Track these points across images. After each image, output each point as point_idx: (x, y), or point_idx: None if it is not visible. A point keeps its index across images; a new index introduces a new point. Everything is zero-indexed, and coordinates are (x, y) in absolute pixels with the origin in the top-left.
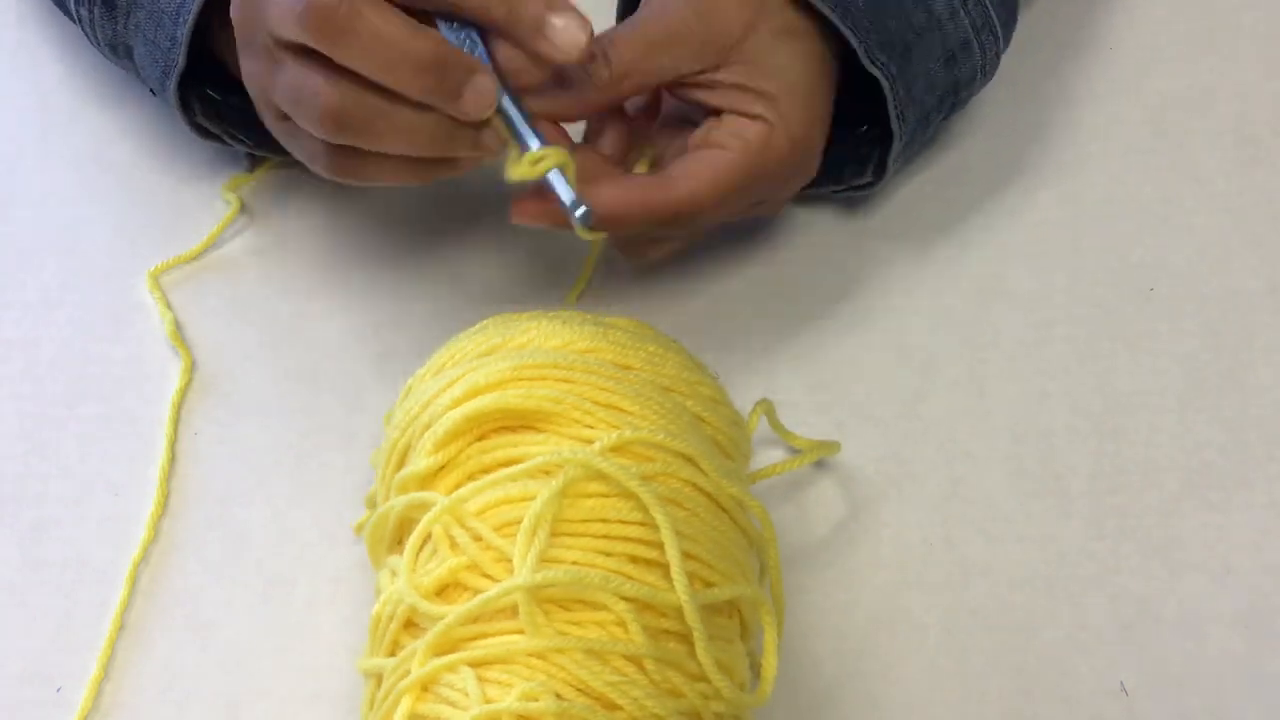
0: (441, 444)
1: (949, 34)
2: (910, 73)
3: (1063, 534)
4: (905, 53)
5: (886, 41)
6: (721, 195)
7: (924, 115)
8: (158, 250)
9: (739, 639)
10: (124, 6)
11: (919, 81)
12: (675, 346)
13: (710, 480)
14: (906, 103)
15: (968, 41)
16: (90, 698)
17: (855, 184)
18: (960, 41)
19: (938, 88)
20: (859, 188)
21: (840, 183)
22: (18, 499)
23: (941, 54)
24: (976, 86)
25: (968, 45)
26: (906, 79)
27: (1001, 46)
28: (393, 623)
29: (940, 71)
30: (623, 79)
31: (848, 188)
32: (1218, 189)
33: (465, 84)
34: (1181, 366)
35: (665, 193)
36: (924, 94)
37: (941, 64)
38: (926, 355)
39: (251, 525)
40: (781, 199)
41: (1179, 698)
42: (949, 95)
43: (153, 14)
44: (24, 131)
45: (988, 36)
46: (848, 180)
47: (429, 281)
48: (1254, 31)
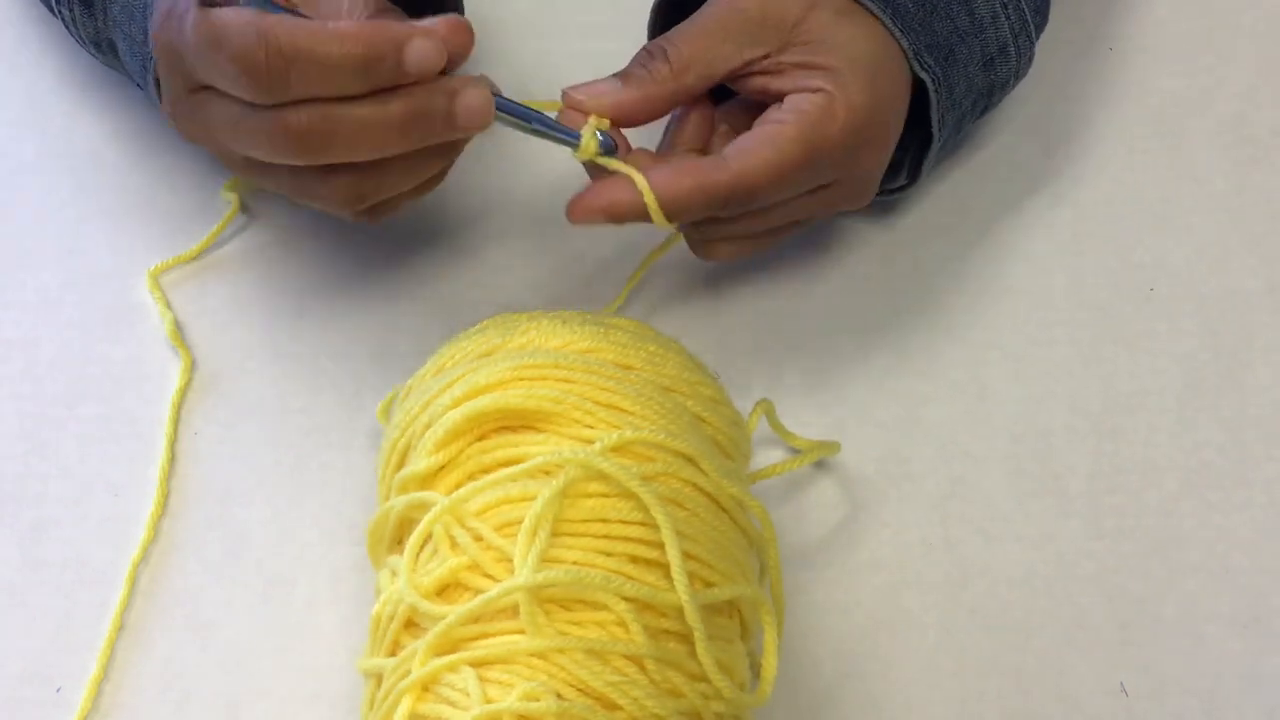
0: (442, 444)
1: (989, 38)
2: (953, 76)
3: (1062, 534)
4: (949, 56)
5: (934, 44)
6: (778, 171)
7: (960, 118)
8: (158, 250)
9: (739, 639)
10: (100, 3)
11: (960, 85)
12: (675, 346)
13: (710, 480)
14: (948, 105)
15: (1005, 46)
16: (90, 698)
17: (889, 188)
18: (999, 46)
19: (974, 91)
20: (892, 191)
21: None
22: (18, 499)
23: (981, 58)
24: (1008, 90)
25: (1005, 50)
26: (950, 82)
27: (1034, 51)
28: (393, 623)
29: (979, 75)
30: (684, 72)
31: (881, 191)
32: (1218, 189)
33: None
34: (1181, 366)
35: (719, 172)
36: (963, 97)
37: (980, 68)
38: (926, 355)
39: (251, 525)
40: (857, 183)
41: (1179, 698)
42: (983, 99)
43: (126, 7)
44: (24, 131)
45: (1024, 41)
46: (882, 185)
47: (429, 282)
48: (1254, 31)
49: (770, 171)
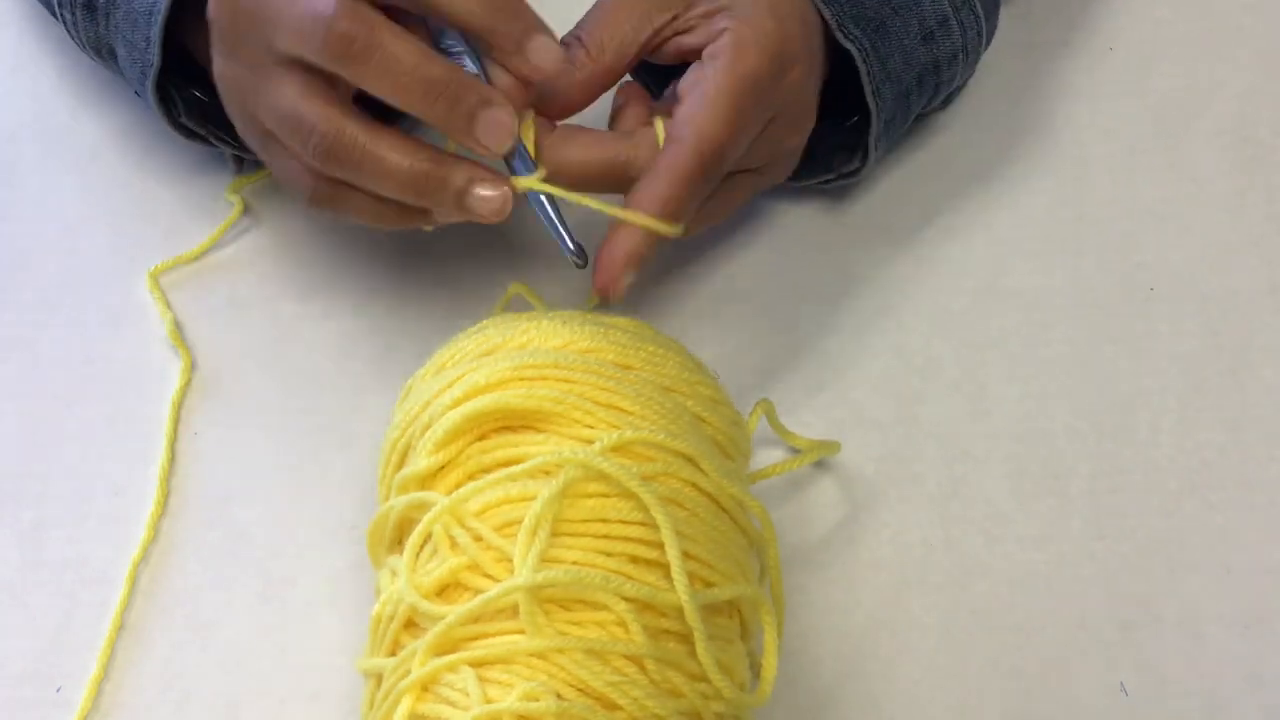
0: (442, 444)
1: (926, 11)
2: (885, 48)
3: (1063, 534)
4: (880, 27)
5: (860, 15)
6: (726, 121)
7: (903, 93)
8: (158, 250)
9: (739, 639)
10: (103, 8)
11: (895, 57)
12: (675, 346)
13: (710, 480)
14: (882, 78)
15: (945, 19)
16: (90, 698)
17: (844, 170)
18: (938, 18)
19: (915, 65)
20: (847, 175)
21: (831, 170)
22: (18, 499)
23: (919, 30)
24: (960, 67)
25: (946, 22)
26: (881, 54)
27: (984, 26)
28: (393, 623)
29: (918, 48)
30: (601, 52)
31: (838, 175)
32: (1218, 189)
33: (479, 113)
34: (1182, 366)
35: (678, 153)
36: (901, 70)
37: (919, 40)
38: (926, 355)
39: (251, 525)
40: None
41: (1179, 698)
42: (929, 74)
43: (129, 14)
44: (24, 131)
45: (967, 14)
46: (837, 169)
47: (429, 282)
48: (1254, 31)
49: (720, 125)
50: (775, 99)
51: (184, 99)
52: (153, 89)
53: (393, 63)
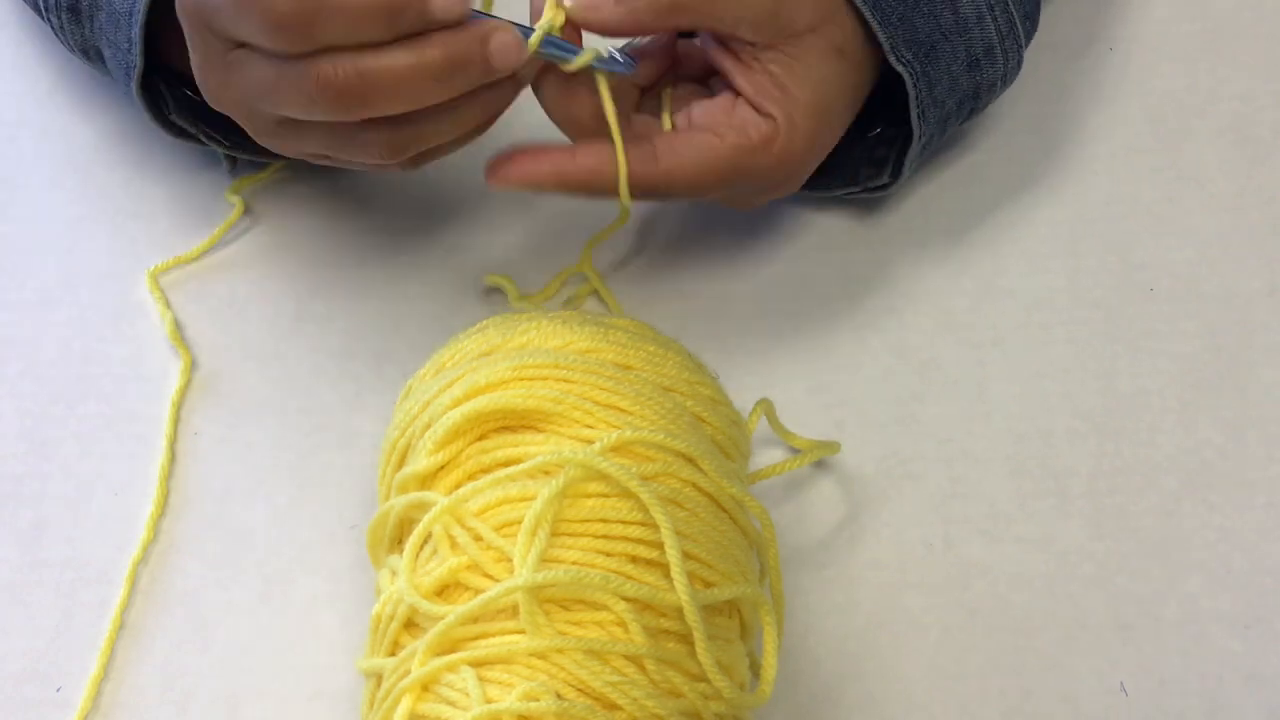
0: (441, 444)
1: (974, 38)
2: (934, 73)
3: (1063, 534)
4: (930, 52)
5: (913, 39)
6: (700, 181)
7: (944, 118)
8: (158, 250)
9: (739, 639)
10: (87, 11)
11: (942, 83)
12: (675, 346)
13: (710, 480)
14: (929, 103)
15: (992, 48)
16: (90, 698)
17: (871, 185)
18: (985, 47)
19: (959, 91)
20: (875, 189)
21: (855, 184)
22: (18, 499)
23: (966, 58)
24: (996, 93)
25: (991, 51)
26: (930, 79)
27: (1023, 56)
28: (393, 623)
29: (963, 75)
30: (678, 11)
31: (863, 189)
32: (1218, 189)
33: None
34: (1181, 366)
35: (647, 164)
36: (946, 96)
37: (965, 68)
38: (926, 355)
39: (251, 525)
40: (753, 203)
41: (1179, 698)
42: (969, 100)
43: (111, 16)
44: (24, 132)
45: (1011, 44)
46: (863, 182)
47: (429, 282)
48: (1254, 31)
49: (692, 181)
50: (748, 193)
51: (175, 96)
52: (137, 90)
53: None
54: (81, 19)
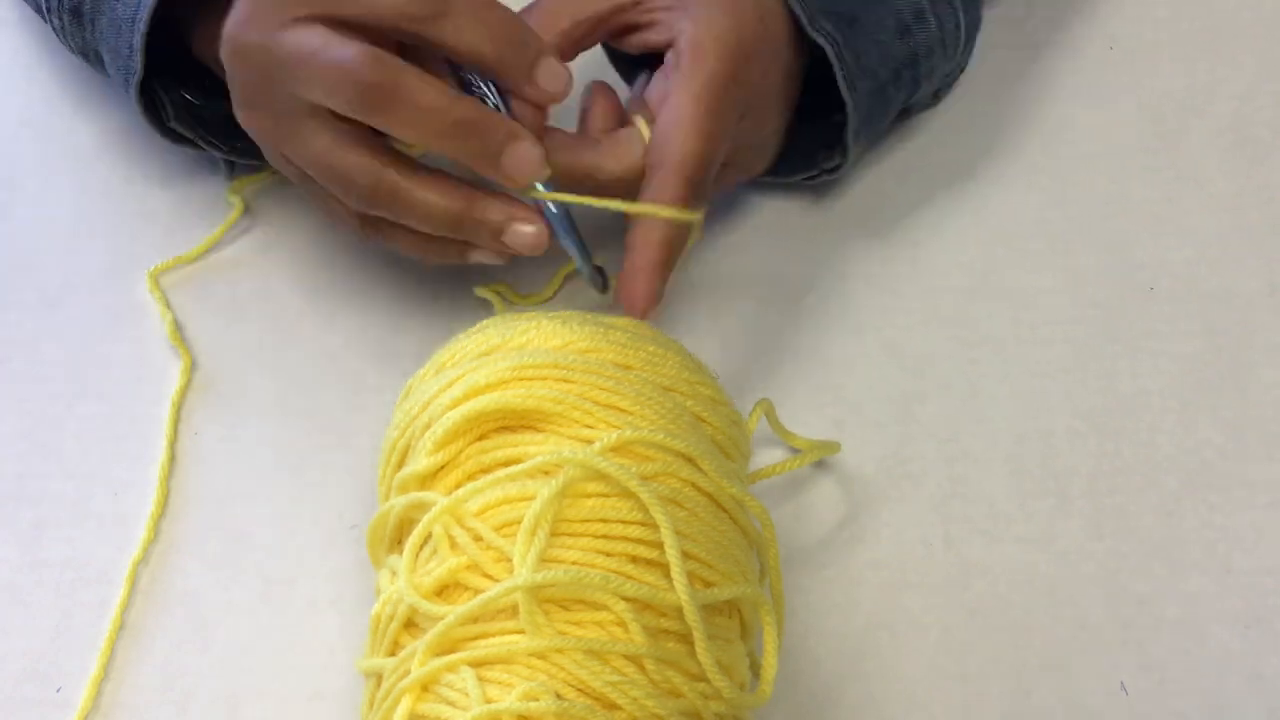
0: (441, 444)
1: (901, 4)
2: (859, 42)
3: (1063, 534)
4: (853, 21)
5: (831, 9)
6: (703, 133)
7: (879, 87)
8: (158, 250)
9: (739, 639)
10: (89, 14)
11: (870, 51)
12: (675, 346)
13: (710, 480)
14: (857, 73)
15: (921, 12)
16: (90, 698)
17: (826, 167)
18: (914, 12)
19: (892, 59)
20: (829, 171)
21: (815, 167)
22: (18, 499)
23: (894, 25)
24: (939, 60)
25: (922, 15)
26: (855, 48)
27: (962, 19)
28: (393, 623)
29: (894, 42)
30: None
31: (821, 172)
32: (1218, 189)
33: (506, 147)
34: (1181, 366)
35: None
36: (877, 65)
37: (895, 34)
38: (926, 355)
39: (251, 525)
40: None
41: (1179, 698)
42: (906, 68)
43: (112, 21)
44: (24, 131)
45: (943, 7)
46: (821, 164)
47: (429, 282)
48: (1254, 31)
49: (697, 140)
50: (741, 96)
51: (173, 102)
52: (136, 96)
53: (420, 108)
54: (83, 22)
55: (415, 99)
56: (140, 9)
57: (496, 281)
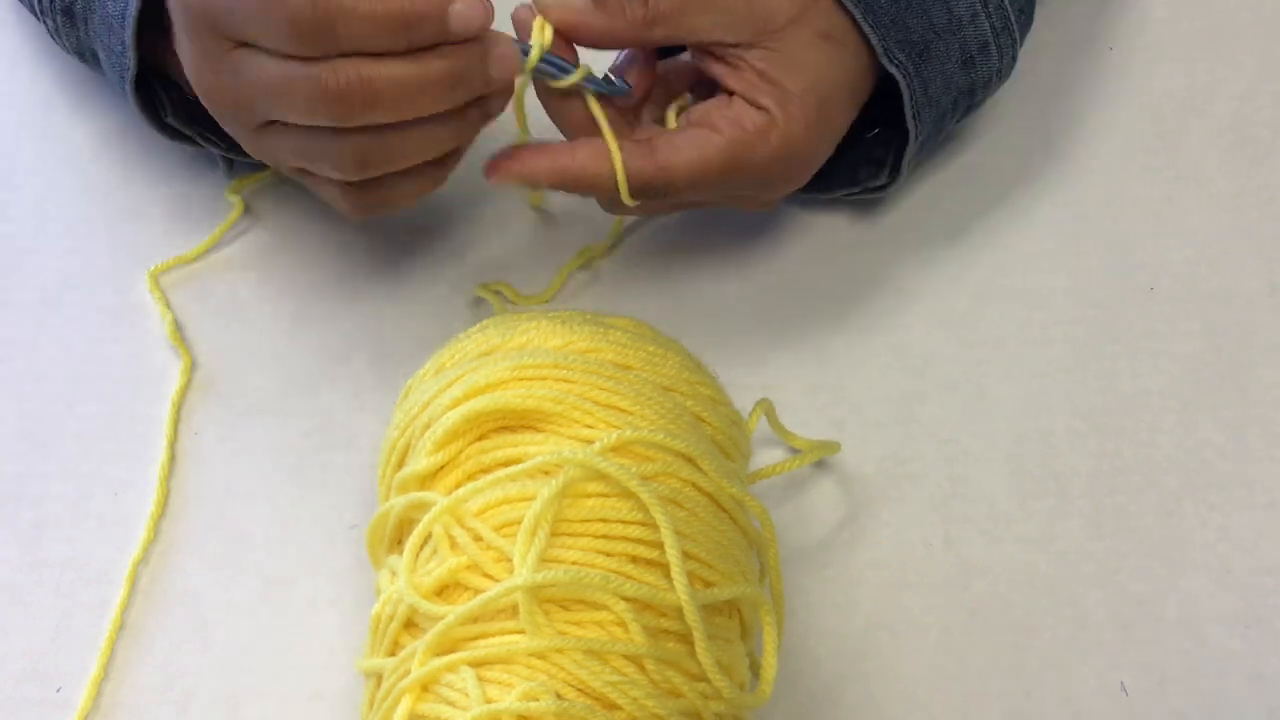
0: (441, 444)
1: (968, 36)
2: (928, 73)
3: (1063, 534)
4: (924, 52)
5: (906, 40)
6: (698, 176)
7: (939, 116)
8: (158, 250)
9: (739, 639)
10: (81, 14)
11: (936, 81)
12: (675, 346)
13: (710, 480)
14: (924, 103)
15: (986, 44)
16: (90, 698)
17: (871, 186)
18: (979, 44)
19: (954, 89)
20: (874, 189)
21: (855, 184)
22: (18, 499)
23: (960, 55)
24: (992, 89)
25: (986, 48)
26: (924, 78)
27: (1018, 51)
28: (393, 623)
29: (958, 73)
30: (654, 24)
31: (863, 189)
32: (1218, 189)
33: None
34: (1182, 366)
35: (644, 161)
36: (941, 94)
37: (959, 65)
38: (926, 355)
39: (251, 525)
40: (767, 200)
41: (1179, 698)
42: (964, 97)
43: (104, 19)
44: (24, 131)
45: (1006, 40)
46: (863, 182)
47: (429, 282)
48: (1254, 31)
49: (691, 175)
50: (754, 190)
51: (170, 99)
52: (132, 93)
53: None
54: (76, 22)
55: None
56: (129, 5)
57: (496, 281)
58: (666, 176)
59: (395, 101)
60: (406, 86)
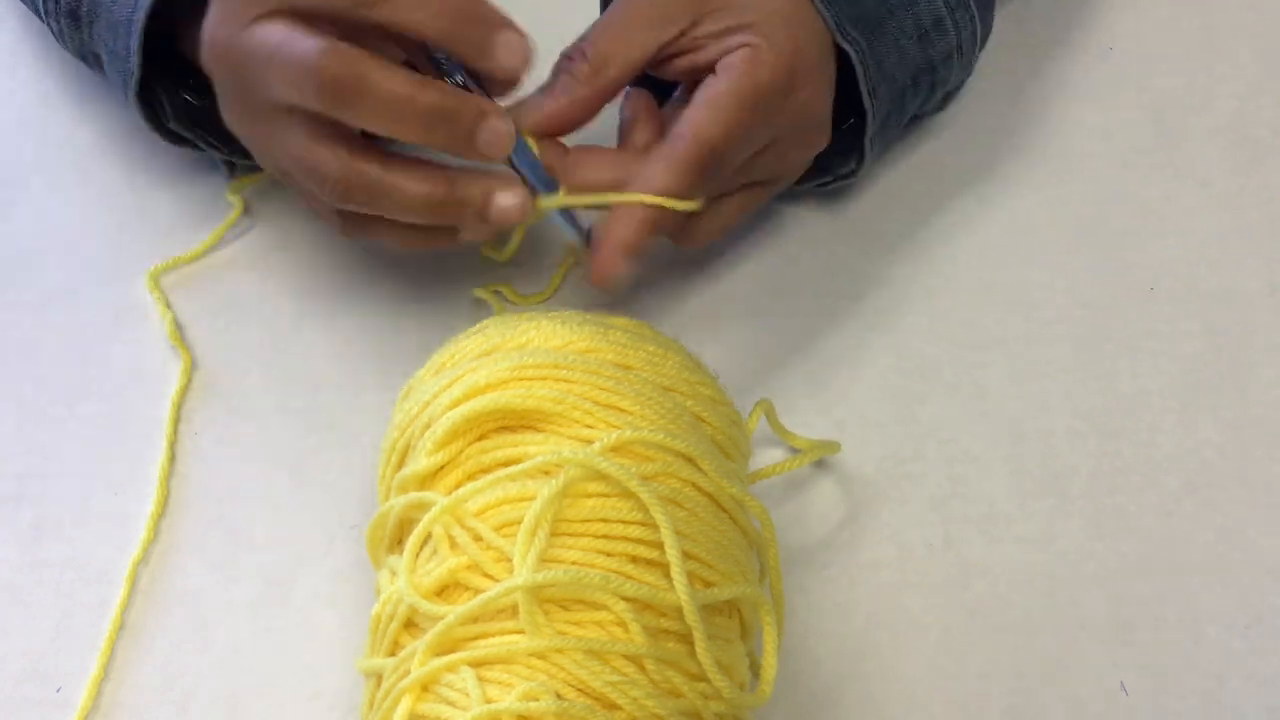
0: (441, 444)
1: (921, 10)
2: (881, 48)
3: (1063, 534)
4: (877, 27)
5: (858, 16)
6: (726, 125)
7: (898, 93)
8: (158, 250)
9: (739, 639)
10: (86, 16)
11: (890, 57)
12: (675, 346)
13: (710, 480)
14: (878, 79)
15: (940, 19)
16: (90, 698)
17: (840, 173)
18: (933, 18)
19: (910, 65)
20: (843, 176)
21: (828, 174)
22: (18, 499)
23: (914, 30)
24: (955, 67)
25: (940, 23)
26: (878, 54)
27: (978, 26)
28: (393, 623)
29: (913, 48)
30: (604, 66)
31: (834, 178)
32: (1218, 189)
33: (478, 127)
34: (1182, 366)
35: (677, 144)
36: (896, 69)
37: (914, 40)
38: (927, 355)
39: (251, 525)
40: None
41: (1179, 698)
42: (924, 74)
43: (110, 23)
44: (24, 132)
45: (962, 14)
46: (834, 170)
47: (429, 282)
48: (1254, 31)
49: (720, 126)
50: (783, 115)
51: (173, 104)
52: (134, 98)
53: (385, 98)
54: (81, 25)
55: (378, 89)
56: (137, 10)
57: (496, 281)
58: (705, 144)
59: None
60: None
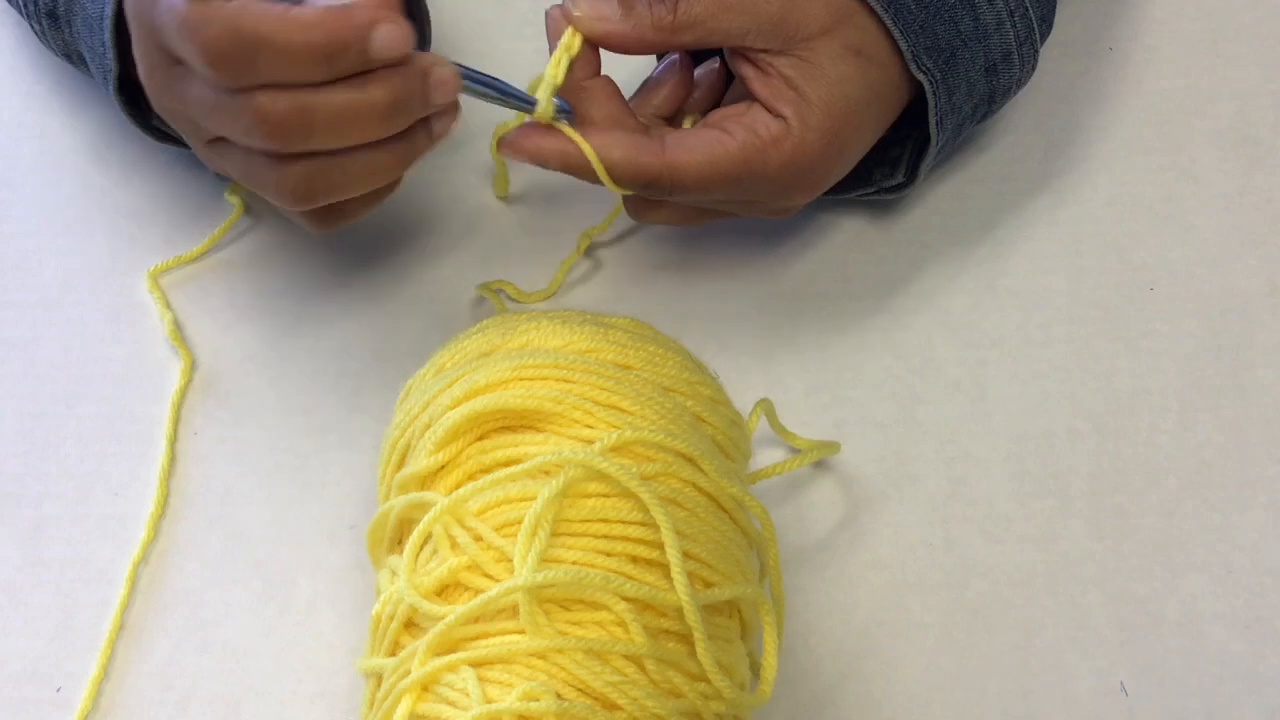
0: (442, 444)
1: (993, 44)
2: (953, 80)
3: (1063, 534)
4: (950, 59)
5: (934, 46)
6: (706, 178)
7: (960, 123)
8: (158, 250)
9: (739, 639)
10: (64, 16)
11: (960, 89)
12: (675, 346)
13: (710, 480)
14: (947, 109)
15: (1009, 53)
16: (90, 698)
17: (886, 186)
18: (1003, 53)
19: (976, 96)
20: (889, 190)
21: (869, 184)
22: (18, 499)
23: (984, 63)
24: (1011, 96)
25: (1009, 57)
26: (949, 85)
27: (1036, 61)
28: (393, 623)
29: (980, 80)
30: (682, 29)
31: (878, 190)
32: (1218, 189)
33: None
34: (1182, 366)
35: (651, 155)
36: (963, 101)
37: (983, 73)
38: (927, 355)
39: (251, 525)
40: (781, 208)
41: (1179, 698)
42: (984, 104)
43: (85, 21)
44: (23, 131)
45: (1028, 49)
46: (877, 182)
47: (429, 282)
48: (1254, 31)
49: (699, 176)
50: (764, 197)
51: None
52: (115, 93)
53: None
54: (60, 24)
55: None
56: (106, 5)
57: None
58: (674, 174)
59: (334, 129)
60: (345, 114)
